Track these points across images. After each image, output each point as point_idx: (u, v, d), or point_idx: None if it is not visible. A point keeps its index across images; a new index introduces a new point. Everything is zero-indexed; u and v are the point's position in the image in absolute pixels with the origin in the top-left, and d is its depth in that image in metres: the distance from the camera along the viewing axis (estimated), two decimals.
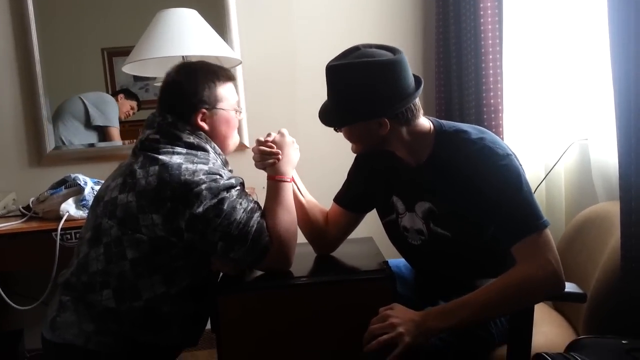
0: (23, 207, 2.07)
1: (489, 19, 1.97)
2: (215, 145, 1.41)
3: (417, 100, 1.26)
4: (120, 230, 1.29)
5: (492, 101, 1.98)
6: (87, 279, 1.31)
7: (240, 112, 1.49)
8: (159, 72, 2.22)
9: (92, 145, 2.42)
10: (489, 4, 1.97)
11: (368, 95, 1.21)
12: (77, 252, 1.38)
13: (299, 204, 1.47)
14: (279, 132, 1.45)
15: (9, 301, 1.92)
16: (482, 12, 1.97)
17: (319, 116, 1.30)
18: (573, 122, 1.82)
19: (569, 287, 1.20)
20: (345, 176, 1.54)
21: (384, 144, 1.29)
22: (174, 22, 1.96)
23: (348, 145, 1.37)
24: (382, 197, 1.43)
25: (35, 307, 1.94)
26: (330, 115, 1.28)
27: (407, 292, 1.44)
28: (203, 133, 1.39)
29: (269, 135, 1.45)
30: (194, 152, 1.34)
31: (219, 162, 1.39)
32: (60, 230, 1.83)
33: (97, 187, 1.98)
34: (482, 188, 1.20)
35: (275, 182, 1.40)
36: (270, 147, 1.42)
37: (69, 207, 1.91)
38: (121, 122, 2.47)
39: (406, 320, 1.14)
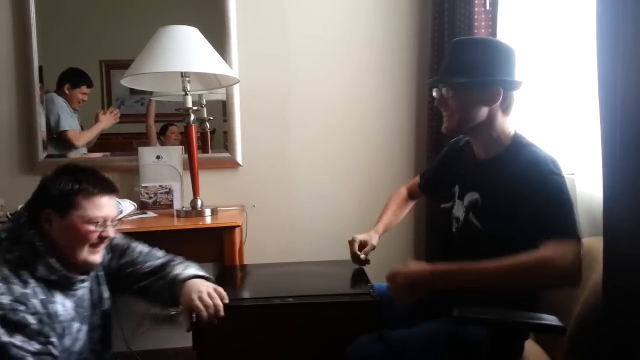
0: (10, 214, 2.05)
1: None
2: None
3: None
4: None
5: None
6: None
7: (102, 226, 1.28)
8: (156, 87, 2.25)
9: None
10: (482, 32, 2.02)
11: (490, 66, 1.35)
12: None
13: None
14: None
15: None
16: None
17: (435, 79, 1.42)
18: (561, 155, 1.85)
19: (549, 319, 1.21)
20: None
21: (477, 126, 1.38)
22: (175, 38, 1.99)
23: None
24: (447, 184, 1.52)
25: None
26: (450, 77, 1.37)
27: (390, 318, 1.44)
28: (39, 243, 1.25)
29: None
30: (20, 270, 1.23)
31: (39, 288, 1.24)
32: None
33: None
34: (527, 197, 1.27)
35: None
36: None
37: None
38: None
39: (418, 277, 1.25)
